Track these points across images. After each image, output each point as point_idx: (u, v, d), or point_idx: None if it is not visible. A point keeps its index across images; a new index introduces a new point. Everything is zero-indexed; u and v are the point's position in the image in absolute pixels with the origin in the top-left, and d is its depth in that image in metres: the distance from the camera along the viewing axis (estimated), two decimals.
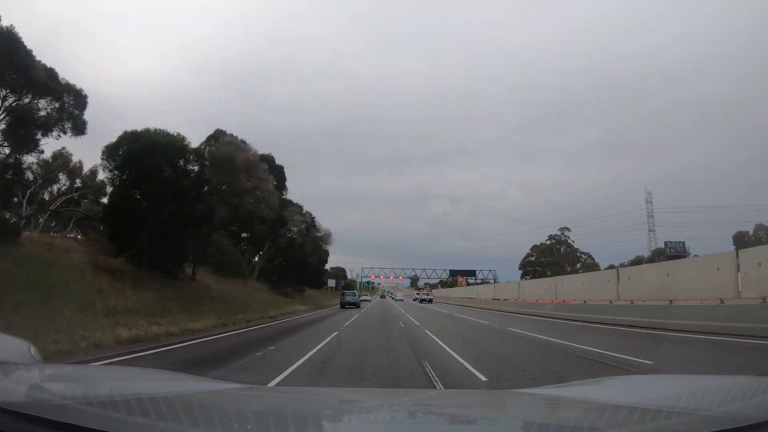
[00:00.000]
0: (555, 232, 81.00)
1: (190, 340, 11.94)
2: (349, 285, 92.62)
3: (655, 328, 14.41)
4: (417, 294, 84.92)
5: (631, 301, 19.25)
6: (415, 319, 24.20)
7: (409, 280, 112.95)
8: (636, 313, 16.50)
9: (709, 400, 1.65)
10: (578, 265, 76.11)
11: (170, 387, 2.21)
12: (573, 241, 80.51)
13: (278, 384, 6.57)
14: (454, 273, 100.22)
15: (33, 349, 4.58)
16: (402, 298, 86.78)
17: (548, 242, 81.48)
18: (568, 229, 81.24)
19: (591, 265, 70.37)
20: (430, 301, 61.48)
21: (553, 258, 78.22)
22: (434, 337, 14.01)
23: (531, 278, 69.54)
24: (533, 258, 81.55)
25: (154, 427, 1.38)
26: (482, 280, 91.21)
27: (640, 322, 15.51)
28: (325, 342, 12.26)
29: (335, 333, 14.92)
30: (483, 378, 7.31)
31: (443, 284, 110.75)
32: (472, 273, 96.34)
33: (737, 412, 1.43)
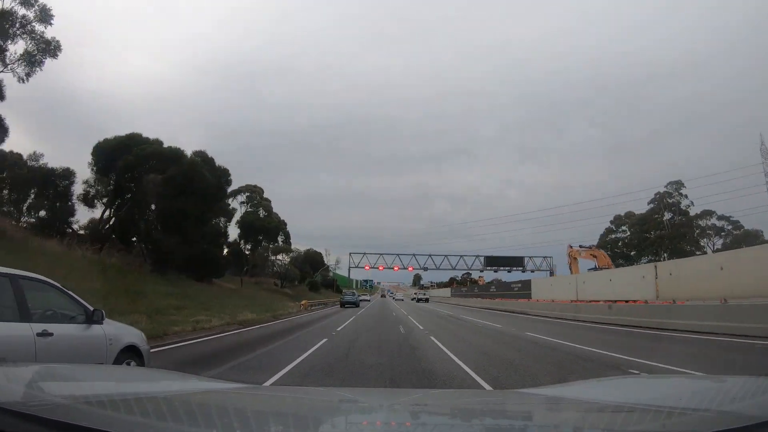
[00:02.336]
0: (662, 189, 51.49)
1: None
2: (329, 281, 77.58)
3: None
4: (415, 294, 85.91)
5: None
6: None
7: (421, 271, 77.49)
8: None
9: (709, 400, 1.65)
10: (713, 242, 48.06)
11: (170, 387, 2.21)
12: (691, 205, 50.17)
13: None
14: (492, 261, 69.87)
15: (143, 336, 5.90)
16: (402, 297, 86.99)
17: (651, 206, 51.90)
18: (683, 185, 50.34)
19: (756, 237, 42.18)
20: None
21: (661, 231, 49.94)
22: None
23: (627, 264, 46.46)
24: (625, 233, 55.00)
25: (154, 427, 1.38)
26: (532, 270, 65.65)
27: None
28: None
29: None
30: None
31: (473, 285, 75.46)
32: (517, 261, 68.54)
33: (737, 412, 1.44)
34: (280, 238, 51.91)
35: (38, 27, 21.70)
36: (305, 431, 1.70)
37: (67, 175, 26.69)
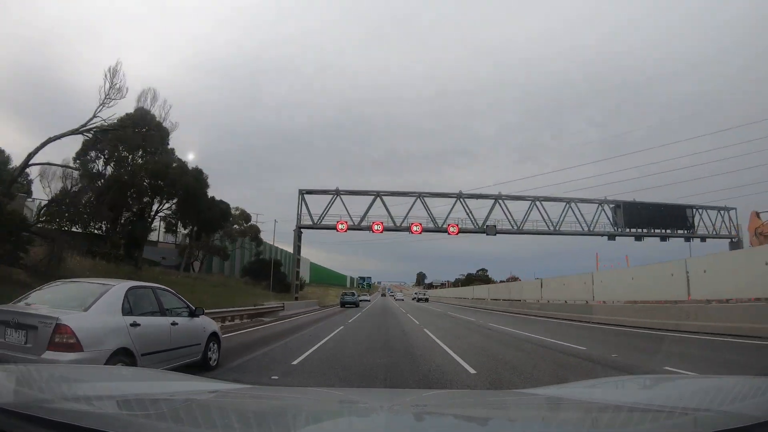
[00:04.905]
0: None
1: None
2: (259, 264, 41.41)
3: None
4: (415, 294, 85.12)
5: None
6: None
7: (480, 235, 36.24)
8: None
9: (710, 400, 1.65)
10: None
11: (170, 387, 2.21)
12: None
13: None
14: (636, 217, 37.54)
15: (218, 326, 8.69)
16: (402, 297, 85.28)
17: None
18: None
19: None
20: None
21: None
22: None
23: None
24: None
25: (154, 427, 1.38)
26: (703, 237, 37.86)
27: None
28: None
29: None
30: None
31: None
32: (677, 216, 37.82)
33: (737, 412, 1.44)
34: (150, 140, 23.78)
35: None
36: None
37: None
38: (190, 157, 35.39)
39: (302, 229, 37.30)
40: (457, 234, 36.12)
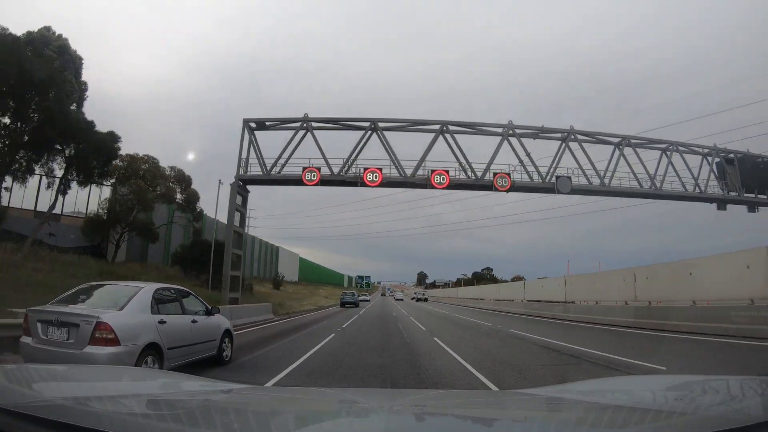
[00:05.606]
0: None
1: None
2: (197, 249, 25.87)
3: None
4: (414, 294, 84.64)
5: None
6: None
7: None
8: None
9: (709, 400, 1.65)
10: None
11: (170, 387, 2.21)
12: None
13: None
14: (745, 174, 23.08)
15: (230, 324, 8.99)
16: (402, 297, 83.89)
17: None
18: None
19: None
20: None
21: None
22: None
23: None
24: None
25: (154, 427, 1.38)
26: None
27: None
28: None
29: None
30: None
31: None
32: None
33: (737, 412, 1.44)
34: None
35: None
36: None
37: None
38: (190, 158, 32.92)
39: (248, 184, 21.72)
40: (507, 190, 21.69)
